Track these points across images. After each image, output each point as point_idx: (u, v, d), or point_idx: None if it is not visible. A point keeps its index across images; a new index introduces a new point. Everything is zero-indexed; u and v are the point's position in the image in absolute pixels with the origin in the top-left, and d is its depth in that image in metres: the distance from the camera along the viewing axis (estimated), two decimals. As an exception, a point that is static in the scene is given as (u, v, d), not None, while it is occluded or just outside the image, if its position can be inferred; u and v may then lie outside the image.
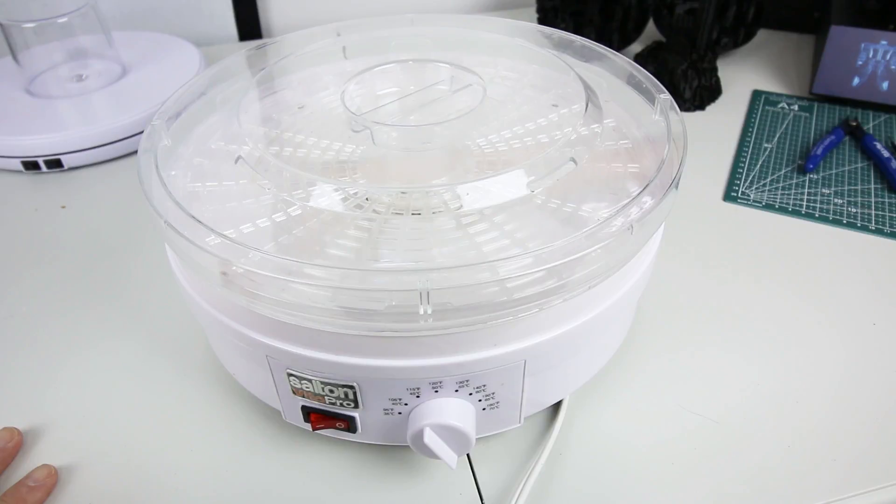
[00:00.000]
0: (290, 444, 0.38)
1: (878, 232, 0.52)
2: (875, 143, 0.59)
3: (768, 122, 0.66)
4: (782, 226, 0.53)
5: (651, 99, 0.39)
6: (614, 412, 0.39)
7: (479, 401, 0.33)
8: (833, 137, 0.61)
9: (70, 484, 0.36)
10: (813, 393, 0.40)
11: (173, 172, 0.37)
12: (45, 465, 0.36)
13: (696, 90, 0.68)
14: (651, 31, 0.77)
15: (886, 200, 0.55)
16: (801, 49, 0.79)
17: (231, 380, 0.40)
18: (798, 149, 0.62)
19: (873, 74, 0.65)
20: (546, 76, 0.44)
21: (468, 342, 0.30)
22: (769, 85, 0.72)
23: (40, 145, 0.59)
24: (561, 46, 0.45)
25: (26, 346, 0.44)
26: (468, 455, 0.37)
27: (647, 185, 0.32)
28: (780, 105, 0.68)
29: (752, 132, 0.64)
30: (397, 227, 0.33)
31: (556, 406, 0.39)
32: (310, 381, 0.32)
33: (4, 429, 0.38)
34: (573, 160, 0.34)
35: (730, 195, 0.56)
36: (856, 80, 0.66)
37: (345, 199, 0.34)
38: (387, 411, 0.33)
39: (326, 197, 0.34)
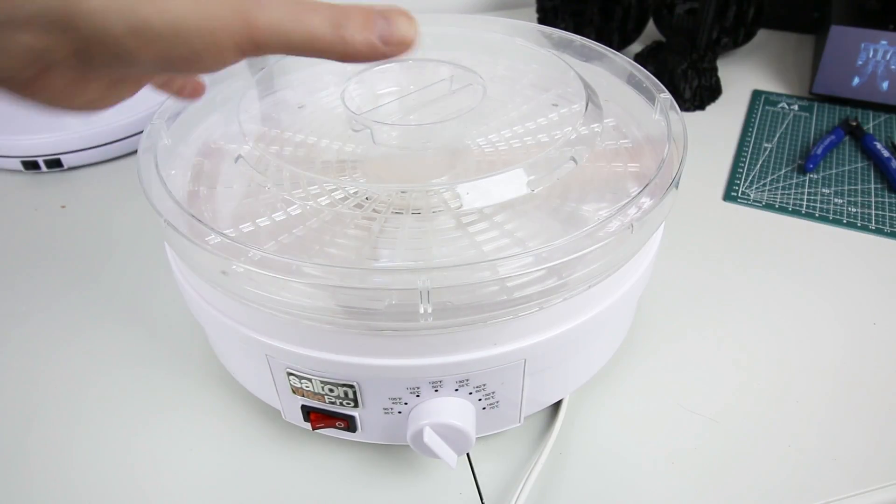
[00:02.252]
0: (289, 443, 0.38)
1: (878, 232, 0.52)
2: (875, 143, 0.59)
3: (768, 122, 0.66)
4: (782, 226, 0.53)
5: (651, 99, 0.39)
6: (614, 411, 0.39)
7: (479, 400, 0.33)
8: (833, 137, 0.61)
9: (69, 483, 0.36)
10: (813, 392, 0.40)
11: (173, 172, 0.37)
12: None
13: (696, 90, 0.68)
14: (651, 31, 0.77)
15: (886, 200, 0.55)
16: (801, 49, 0.79)
17: (231, 379, 0.40)
18: (798, 149, 0.62)
19: (873, 74, 0.65)
20: (546, 76, 0.44)
21: (468, 341, 0.30)
22: (769, 85, 0.72)
23: (40, 145, 0.59)
24: (561, 46, 0.45)
25: (25, 345, 0.44)
26: (468, 454, 0.37)
27: (647, 185, 0.32)
28: (780, 105, 0.68)
29: (752, 132, 0.64)
30: (397, 227, 0.33)
31: (556, 406, 0.39)
32: (309, 380, 0.32)
33: None
34: (573, 159, 0.34)
35: (730, 195, 0.56)
36: (856, 80, 0.66)
37: (345, 199, 0.34)
38: (387, 410, 0.33)
39: (326, 196, 0.34)
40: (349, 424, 0.34)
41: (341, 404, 0.33)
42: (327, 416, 0.34)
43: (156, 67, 0.23)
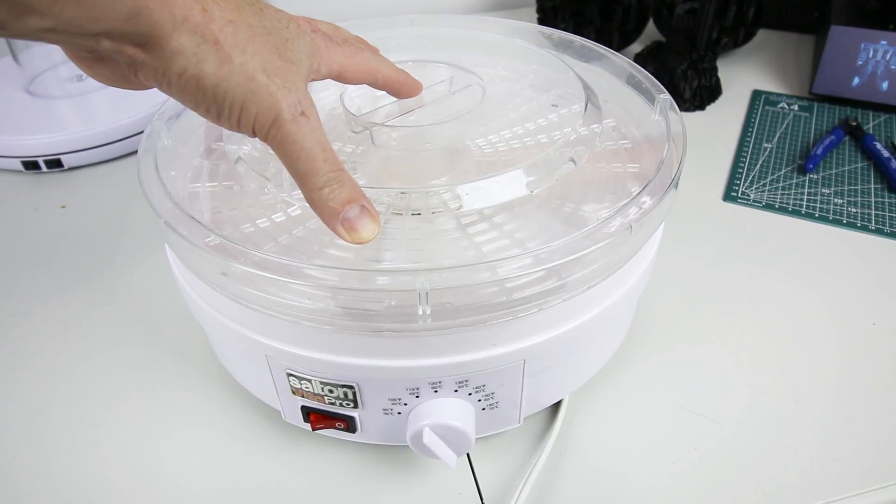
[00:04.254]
0: (289, 444, 0.38)
1: (878, 232, 0.52)
2: (875, 143, 0.59)
3: (768, 122, 0.66)
4: (782, 226, 0.53)
5: (651, 99, 0.39)
6: (614, 412, 0.39)
7: (479, 401, 0.33)
8: (833, 137, 0.60)
9: (70, 484, 0.36)
10: (813, 393, 0.40)
11: (173, 173, 0.37)
12: None
13: (696, 90, 0.68)
14: (651, 31, 0.77)
15: (886, 200, 0.55)
16: (801, 49, 0.79)
17: (231, 380, 0.40)
18: (798, 149, 0.62)
19: (873, 74, 0.65)
20: (546, 76, 0.44)
21: (467, 342, 0.30)
22: (769, 85, 0.72)
23: (40, 145, 0.59)
24: (561, 46, 0.45)
25: (26, 346, 0.44)
26: (468, 455, 0.37)
27: (646, 185, 0.32)
28: (780, 105, 0.68)
29: (752, 132, 0.64)
30: (397, 228, 0.33)
31: (556, 406, 0.39)
32: (309, 381, 0.32)
33: None
34: (572, 160, 0.34)
35: (730, 195, 0.56)
36: (856, 80, 0.66)
37: (344, 200, 0.34)
38: (386, 411, 0.33)
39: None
40: (349, 425, 0.34)
41: (341, 405, 0.33)
42: (327, 416, 0.34)
43: (180, 99, 0.26)
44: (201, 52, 0.24)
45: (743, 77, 0.73)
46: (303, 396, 0.33)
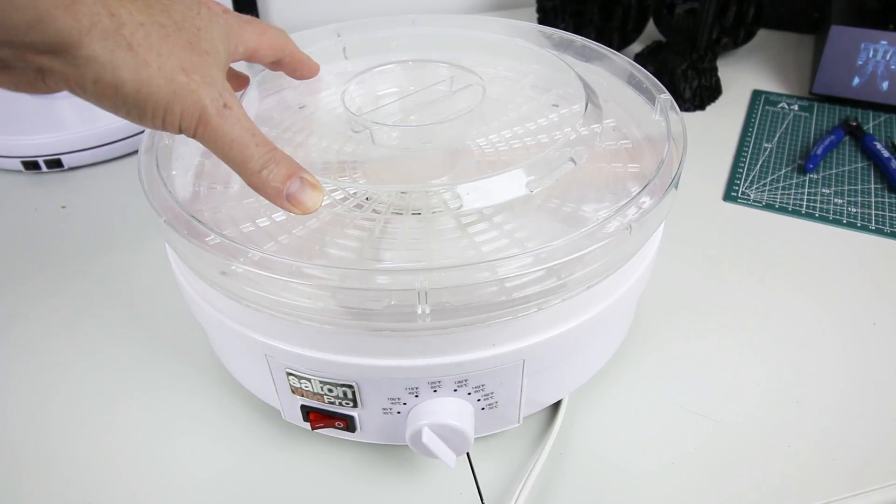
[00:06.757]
0: (289, 443, 0.38)
1: (878, 232, 0.52)
2: (875, 143, 0.59)
3: (768, 122, 0.66)
4: (782, 226, 0.53)
5: (651, 99, 0.39)
6: (614, 412, 0.39)
7: (478, 400, 0.33)
8: (833, 137, 0.61)
9: (70, 483, 0.36)
10: (813, 392, 0.40)
11: (174, 172, 0.37)
12: None
13: (696, 90, 0.68)
14: (651, 31, 0.77)
15: (886, 200, 0.55)
16: (801, 49, 0.79)
17: (231, 379, 0.40)
18: (798, 149, 0.62)
19: (873, 74, 0.65)
20: (546, 76, 0.44)
21: (467, 342, 0.30)
22: (769, 85, 0.72)
23: (40, 145, 0.59)
24: (561, 46, 0.45)
25: (26, 346, 0.44)
26: (468, 455, 0.37)
27: (646, 185, 0.32)
28: (780, 105, 0.68)
29: (752, 132, 0.64)
30: (397, 227, 0.33)
31: (556, 406, 0.39)
32: (309, 380, 0.32)
33: None
34: (573, 160, 0.34)
35: (730, 195, 0.56)
36: (856, 80, 0.66)
37: (345, 199, 0.34)
38: (386, 411, 0.33)
39: (326, 196, 0.33)
40: (348, 424, 0.34)
41: (340, 404, 0.33)
42: (326, 415, 0.34)
43: (95, 103, 0.26)
44: (116, 59, 0.24)
45: (743, 77, 0.73)
46: (302, 395, 0.33)
